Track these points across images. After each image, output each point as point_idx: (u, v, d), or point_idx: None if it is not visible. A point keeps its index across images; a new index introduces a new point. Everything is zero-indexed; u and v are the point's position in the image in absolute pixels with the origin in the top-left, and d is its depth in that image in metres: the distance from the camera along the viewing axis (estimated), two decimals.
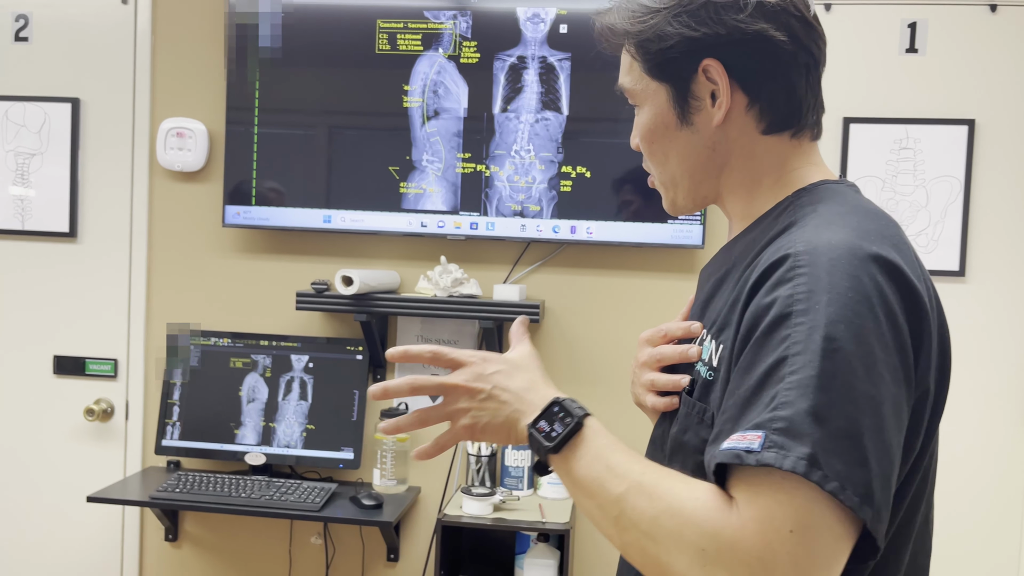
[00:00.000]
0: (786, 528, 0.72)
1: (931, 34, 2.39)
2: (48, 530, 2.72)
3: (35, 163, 2.69)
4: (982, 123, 2.37)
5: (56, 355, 2.70)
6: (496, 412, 0.92)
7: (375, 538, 2.58)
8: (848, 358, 0.75)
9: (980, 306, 2.39)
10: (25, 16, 2.68)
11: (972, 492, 2.40)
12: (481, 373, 0.93)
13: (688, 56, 0.93)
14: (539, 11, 2.39)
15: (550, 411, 0.89)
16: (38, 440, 2.71)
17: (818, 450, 0.72)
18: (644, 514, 0.79)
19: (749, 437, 0.74)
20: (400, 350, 0.96)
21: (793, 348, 0.76)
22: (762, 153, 0.95)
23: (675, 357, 0.97)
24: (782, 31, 0.91)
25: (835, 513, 0.73)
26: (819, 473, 0.72)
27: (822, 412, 0.73)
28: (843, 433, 0.73)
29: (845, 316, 0.76)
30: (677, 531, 0.76)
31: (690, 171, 0.98)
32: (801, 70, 0.93)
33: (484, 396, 0.92)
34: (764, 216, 0.96)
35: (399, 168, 2.47)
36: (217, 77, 2.60)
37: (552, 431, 0.87)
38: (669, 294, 2.47)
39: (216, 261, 2.64)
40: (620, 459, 0.84)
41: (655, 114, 0.97)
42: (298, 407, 2.51)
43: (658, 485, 0.80)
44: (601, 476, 0.83)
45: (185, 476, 2.42)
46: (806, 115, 0.95)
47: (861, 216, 0.87)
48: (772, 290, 0.80)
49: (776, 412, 0.74)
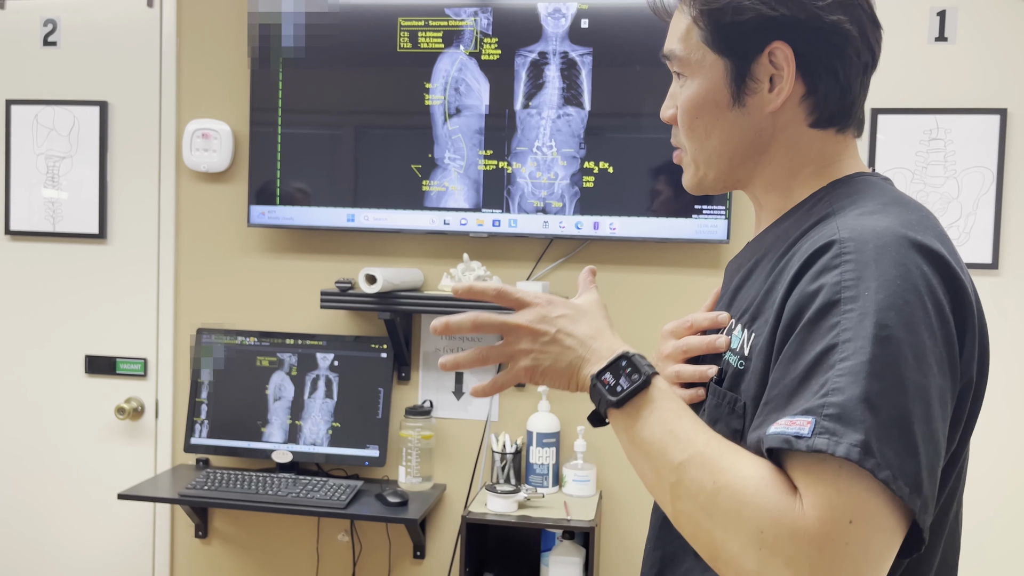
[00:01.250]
0: (846, 518, 0.70)
1: (961, 22, 2.34)
2: (81, 527, 2.76)
3: (65, 166, 2.73)
4: (1014, 112, 2.32)
5: (88, 355, 2.74)
6: (559, 356, 0.89)
7: (401, 535, 2.59)
8: (900, 345, 0.73)
9: (1014, 299, 2.34)
10: (53, 21, 2.72)
11: (1004, 488, 2.35)
12: (546, 315, 0.90)
13: (759, 34, 0.89)
14: (560, 6, 2.38)
15: (617, 364, 0.86)
16: (71, 439, 2.76)
17: (871, 437, 0.70)
18: (704, 487, 0.77)
19: (799, 423, 0.73)
20: (465, 286, 0.94)
21: (844, 335, 0.74)
22: (806, 146, 0.94)
23: (702, 347, 0.95)
24: (855, 26, 0.89)
25: (888, 504, 0.71)
26: (872, 461, 0.70)
27: (874, 399, 0.72)
28: (894, 421, 0.71)
29: (895, 303, 0.74)
30: (736, 510, 0.74)
31: (730, 153, 0.95)
32: (860, 69, 0.92)
33: (548, 339, 0.90)
34: (797, 207, 0.94)
35: (421, 166, 2.47)
36: (241, 78, 2.62)
37: (618, 385, 0.85)
38: (694, 289, 2.45)
39: (242, 261, 2.67)
40: (685, 425, 0.81)
41: (707, 89, 0.93)
42: (324, 405, 2.53)
43: (721, 459, 0.77)
44: (663, 440, 0.81)
45: (214, 474, 2.45)
46: (855, 113, 0.94)
47: (902, 207, 0.86)
48: (817, 277, 0.79)
49: (827, 398, 0.72)
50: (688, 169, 1.00)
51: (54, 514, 2.78)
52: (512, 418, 2.55)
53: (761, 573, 0.73)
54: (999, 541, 2.35)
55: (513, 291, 0.92)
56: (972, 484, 2.32)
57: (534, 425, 2.42)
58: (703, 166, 0.98)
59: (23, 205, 2.75)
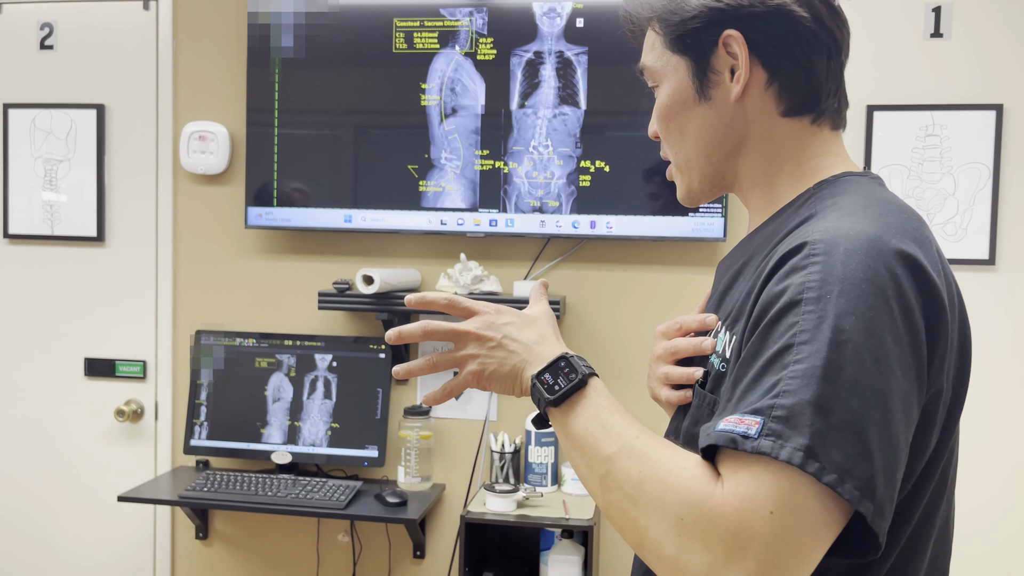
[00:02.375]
0: (767, 508, 0.71)
1: (956, 18, 2.34)
2: (82, 529, 2.77)
3: (63, 169, 2.74)
4: (1010, 108, 2.32)
5: (87, 357, 2.75)
6: (504, 361, 0.94)
7: (401, 535, 2.60)
8: (857, 350, 0.73)
9: (1011, 295, 2.34)
10: (50, 24, 2.73)
11: (1000, 486, 2.35)
12: (493, 322, 0.95)
13: (710, 27, 0.92)
14: (555, 6, 2.38)
15: (556, 365, 0.90)
16: (71, 441, 2.77)
17: (816, 442, 0.71)
18: (630, 476, 0.79)
19: (747, 422, 0.73)
20: (417, 296, 0.99)
21: (800, 336, 0.74)
22: (781, 136, 0.94)
23: (689, 350, 0.96)
24: (804, 8, 0.91)
25: (822, 502, 0.71)
26: (816, 465, 0.70)
27: (825, 404, 0.72)
28: (846, 426, 0.72)
29: (857, 308, 0.74)
30: (659, 497, 0.76)
31: (706, 149, 0.96)
32: (822, 52, 0.92)
33: (494, 344, 0.94)
34: (784, 208, 0.94)
35: (418, 166, 2.47)
36: (237, 80, 2.62)
37: (555, 385, 0.88)
38: (690, 288, 2.45)
39: (240, 262, 2.67)
40: (617, 421, 0.84)
41: (674, 89, 0.96)
42: (323, 406, 2.53)
43: (648, 450, 0.80)
44: (595, 434, 0.84)
45: (213, 475, 2.46)
46: (826, 100, 0.94)
47: (883, 209, 0.85)
48: (785, 278, 0.79)
49: (777, 399, 0.73)
50: (677, 181, 1.02)
51: (55, 516, 2.78)
52: (511, 417, 2.55)
53: (680, 558, 0.74)
54: (993, 541, 2.35)
55: (462, 300, 0.98)
56: (972, 481, 2.32)
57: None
58: (686, 171, 0.99)
59: (22, 209, 2.76)
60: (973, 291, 2.34)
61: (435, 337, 0.96)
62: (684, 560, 0.73)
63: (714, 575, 0.71)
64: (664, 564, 0.75)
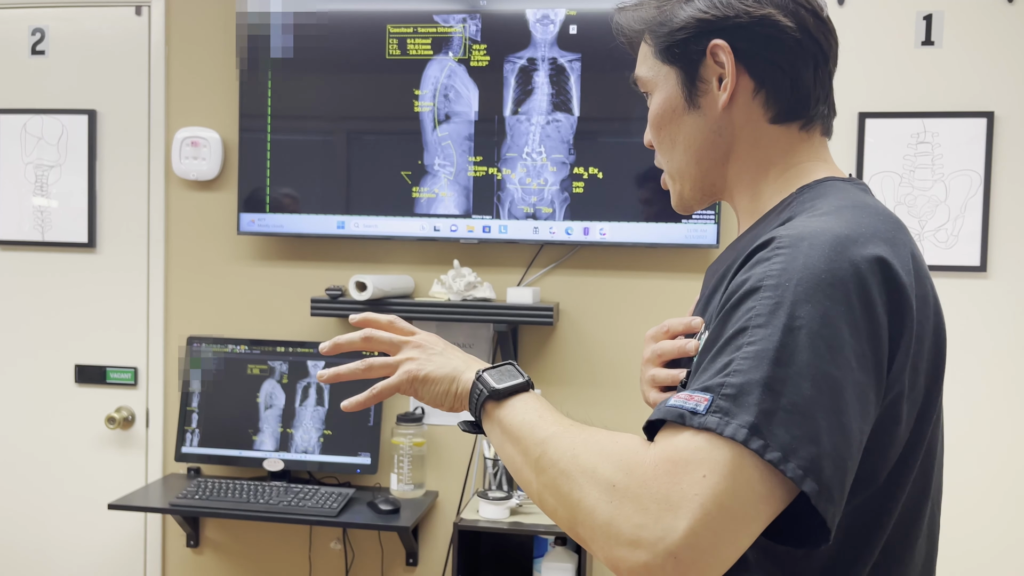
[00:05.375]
0: (699, 472, 0.71)
1: (947, 26, 2.36)
2: (72, 537, 2.75)
3: (54, 175, 2.72)
4: (1001, 115, 2.33)
5: (77, 364, 2.73)
6: (443, 364, 0.96)
7: (394, 543, 2.58)
8: (811, 337, 0.74)
9: (1002, 302, 2.35)
10: (41, 30, 2.72)
11: (992, 490, 2.36)
12: (439, 339, 1.01)
13: (697, 37, 0.95)
14: (548, 12, 2.38)
15: (503, 367, 0.94)
16: (61, 448, 2.75)
17: (762, 420, 0.71)
18: (564, 453, 0.80)
19: (696, 398, 0.74)
20: (361, 316, 1.03)
21: (756, 320, 0.76)
22: (768, 143, 0.96)
23: (673, 352, 0.97)
24: (790, 18, 0.93)
25: (763, 477, 0.71)
26: (759, 442, 0.71)
27: (774, 385, 0.72)
28: (794, 407, 0.72)
29: (815, 297, 0.75)
30: (592, 466, 0.77)
31: (696, 157, 0.98)
32: (808, 60, 0.94)
33: (436, 351, 0.98)
34: (768, 213, 0.96)
35: (411, 173, 2.47)
36: (230, 86, 2.61)
37: (501, 381, 0.91)
38: (684, 294, 2.45)
39: (232, 269, 2.66)
40: (553, 412, 0.87)
41: (665, 98, 0.99)
42: (315, 413, 2.52)
43: (584, 430, 0.82)
44: (531, 422, 0.86)
45: (205, 483, 2.44)
46: (815, 106, 0.95)
47: (858, 211, 0.86)
48: (750, 269, 0.81)
49: (727, 378, 0.74)
50: (671, 189, 1.04)
51: (45, 524, 2.76)
52: None
53: (612, 522, 0.73)
54: (986, 543, 2.36)
55: (403, 322, 1.03)
56: (966, 488, 2.33)
57: None
58: (678, 179, 1.01)
59: (12, 215, 2.74)
60: (965, 298, 2.35)
61: (377, 345, 0.99)
62: (617, 523, 0.73)
63: (646, 536, 0.71)
64: (597, 532, 0.75)
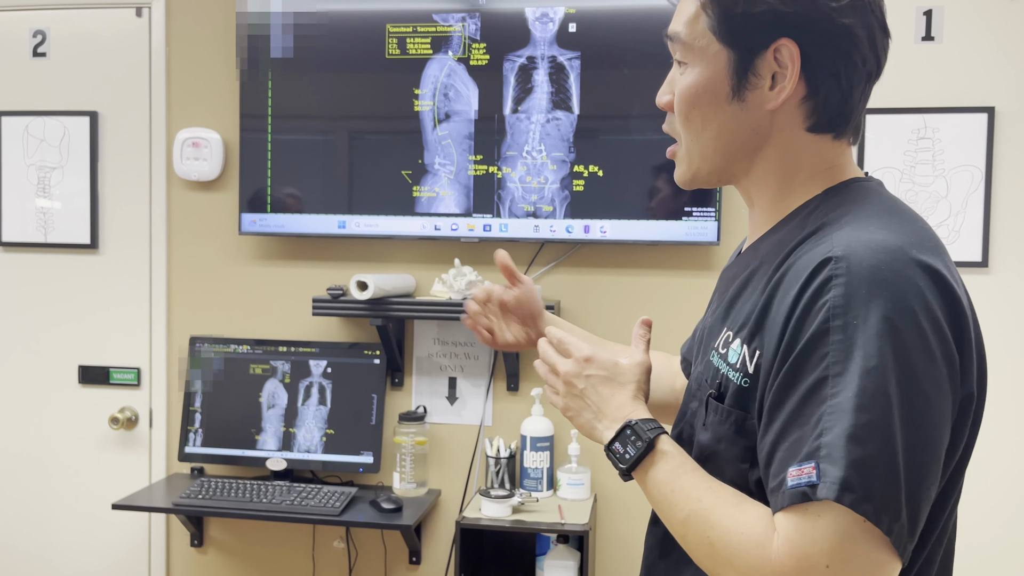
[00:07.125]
0: (822, 564, 0.73)
1: (948, 21, 2.35)
2: (76, 538, 2.76)
3: (56, 176, 2.73)
4: (1002, 111, 2.32)
5: (81, 365, 2.74)
6: (580, 412, 1.00)
7: (397, 541, 2.59)
8: (885, 374, 0.74)
9: (1004, 298, 2.34)
10: (43, 32, 2.73)
11: (997, 491, 2.36)
12: (580, 372, 1.00)
13: (768, 28, 0.88)
14: (548, 11, 2.38)
15: (623, 434, 0.94)
16: (65, 449, 2.76)
17: (851, 473, 0.72)
18: (701, 544, 0.86)
19: (806, 471, 0.75)
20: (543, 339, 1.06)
21: (834, 368, 0.76)
22: (801, 149, 0.93)
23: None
24: (865, 31, 0.89)
25: (871, 539, 0.73)
26: (851, 496, 0.72)
27: (859, 433, 0.73)
28: (880, 452, 0.73)
29: (884, 330, 0.75)
30: (728, 560, 0.82)
31: (725, 148, 0.93)
32: (863, 77, 0.91)
33: (575, 393, 1.00)
34: (792, 214, 0.93)
35: (412, 172, 2.47)
36: (230, 86, 2.62)
37: (626, 453, 0.93)
38: (685, 292, 2.45)
39: (234, 269, 2.67)
40: (683, 483, 0.89)
41: (708, 79, 0.91)
42: (317, 412, 2.53)
43: (712, 513, 0.85)
44: (668, 499, 0.90)
45: (208, 482, 2.45)
46: (852, 121, 0.93)
47: (898, 218, 0.85)
48: (812, 300, 0.79)
49: (821, 439, 0.75)
50: (681, 164, 0.98)
51: (49, 525, 2.77)
52: (506, 422, 2.55)
53: None
54: (993, 546, 2.35)
55: (566, 339, 1.03)
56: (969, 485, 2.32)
57: (528, 429, 2.42)
58: (697, 160, 0.96)
59: (15, 216, 2.75)
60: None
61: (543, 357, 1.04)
62: None
63: None
64: None
